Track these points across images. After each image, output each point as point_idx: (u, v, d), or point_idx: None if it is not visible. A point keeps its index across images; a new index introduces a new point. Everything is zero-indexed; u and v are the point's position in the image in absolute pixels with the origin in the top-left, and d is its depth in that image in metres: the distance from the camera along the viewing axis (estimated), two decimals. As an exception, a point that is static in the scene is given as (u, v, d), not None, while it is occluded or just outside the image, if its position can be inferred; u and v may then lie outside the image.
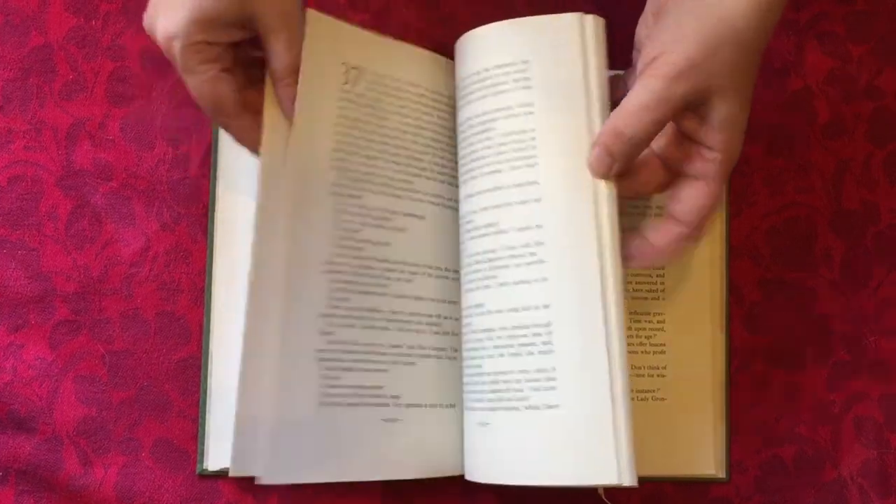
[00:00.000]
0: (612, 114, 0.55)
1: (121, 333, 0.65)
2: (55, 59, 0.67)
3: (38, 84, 0.66)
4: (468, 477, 0.60)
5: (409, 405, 0.60)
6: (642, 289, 0.64)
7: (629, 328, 0.64)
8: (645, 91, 0.53)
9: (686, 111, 0.54)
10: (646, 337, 0.64)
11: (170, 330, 0.65)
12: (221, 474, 0.63)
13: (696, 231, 0.56)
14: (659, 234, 0.56)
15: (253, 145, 0.58)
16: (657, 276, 0.64)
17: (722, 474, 0.64)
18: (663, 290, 0.64)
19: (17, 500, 0.63)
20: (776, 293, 0.67)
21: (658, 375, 0.64)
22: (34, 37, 0.67)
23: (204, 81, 0.55)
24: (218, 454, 0.63)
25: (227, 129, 0.58)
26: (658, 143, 0.57)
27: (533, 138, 0.57)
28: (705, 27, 0.52)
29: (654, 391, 0.64)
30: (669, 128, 0.56)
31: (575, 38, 0.58)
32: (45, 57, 0.67)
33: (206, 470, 0.63)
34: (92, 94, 0.67)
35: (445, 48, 0.66)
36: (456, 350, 0.62)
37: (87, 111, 0.66)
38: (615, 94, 0.59)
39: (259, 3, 0.54)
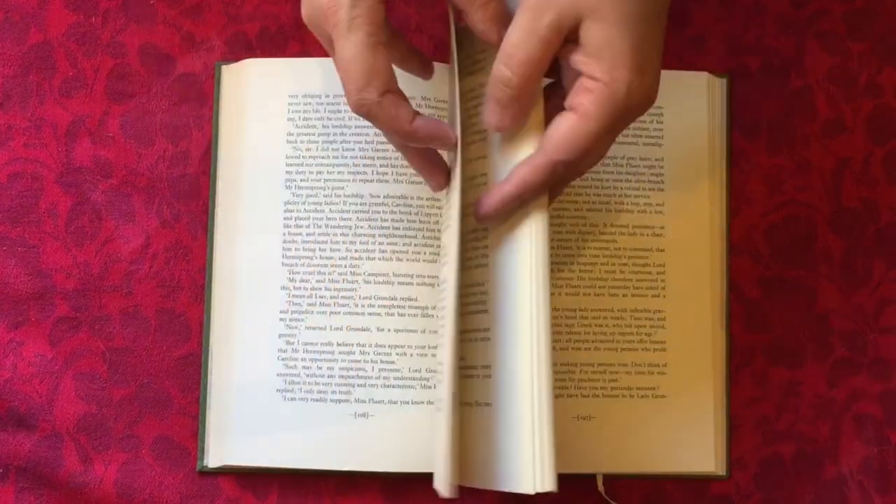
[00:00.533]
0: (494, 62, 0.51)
1: (121, 330, 0.65)
2: (55, 56, 0.66)
3: (37, 81, 0.66)
4: None
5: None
6: (642, 286, 0.64)
7: (629, 325, 0.64)
8: (514, 28, 0.50)
9: (567, 43, 0.50)
10: (646, 334, 0.64)
11: (170, 327, 0.65)
12: (222, 471, 0.63)
13: (552, 155, 0.51)
14: (525, 165, 0.52)
15: (402, 123, 0.52)
16: (658, 273, 0.65)
17: (722, 472, 0.64)
18: (664, 288, 0.64)
19: (18, 498, 0.63)
20: (776, 291, 0.67)
21: (658, 373, 0.64)
22: (34, 34, 0.67)
23: (366, 46, 0.50)
24: (218, 451, 0.63)
25: (370, 108, 0.51)
26: None
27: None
28: None
29: (654, 388, 0.64)
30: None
31: None
32: (44, 54, 0.66)
33: (207, 467, 0.63)
34: (92, 91, 0.66)
35: (443, 44, 0.67)
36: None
37: (86, 108, 0.66)
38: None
39: None
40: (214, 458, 0.63)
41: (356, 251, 0.63)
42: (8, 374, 0.64)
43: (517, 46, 0.49)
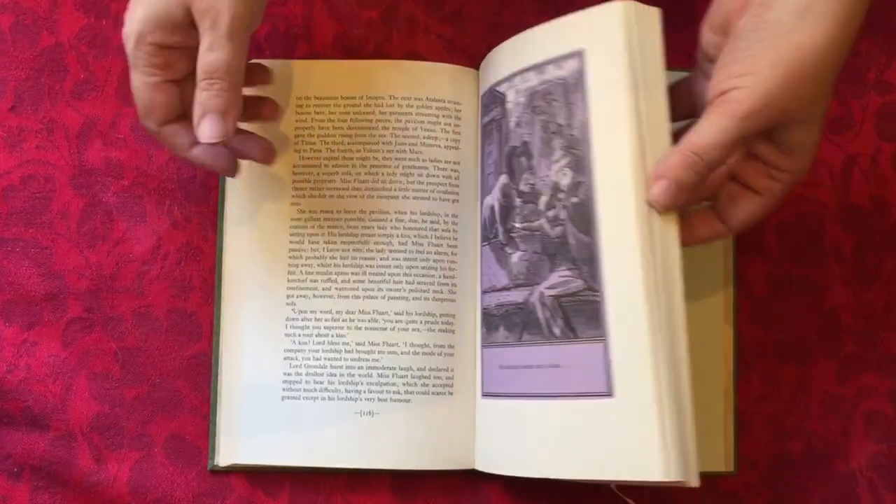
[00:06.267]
0: (681, 146, 0.52)
1: (133, 330, 0.65)
2: (66, 59, 0.67)
3: (49, 84, 0.67)
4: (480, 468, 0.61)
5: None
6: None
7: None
8: (717, 130, 0.51)
9: (758, 136, 0.53)
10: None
11: (181, 327, 0.65)
12: (233, 470, 0.64)
13: (736, 233, 0.57)
14: (707, 230, 0.57)
15: (179, 150, 0.58)
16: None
17: (730, 468, 0.64)
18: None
19: (32, 496, 0.64)
20: (785, 288, 0.67)
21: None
22: (45, 37, 0.67)
23: (145, 83, 0.56)
24: (228, 450, 0.63)
25: (151, 133, 0.58)
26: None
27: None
28: (786, 61, 0.49)
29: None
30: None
31: (625, 30, 0.55)
32: (56, 57, 0.67)
33: (217, 466, 0.64)
34: (103, 93, 0.67)
35: (452, 44, 0.67)
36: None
37: (98, 110, 0.67)
38: (681, 99, 0.57)
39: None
40: (225, 457, 0.63)
41: (367, 251, 0.64)
42: (22, 374, 0.65)
43: (718, 147, 0.52)
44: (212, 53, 0.54)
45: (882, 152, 0.67)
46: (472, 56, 0.67)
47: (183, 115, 0.58)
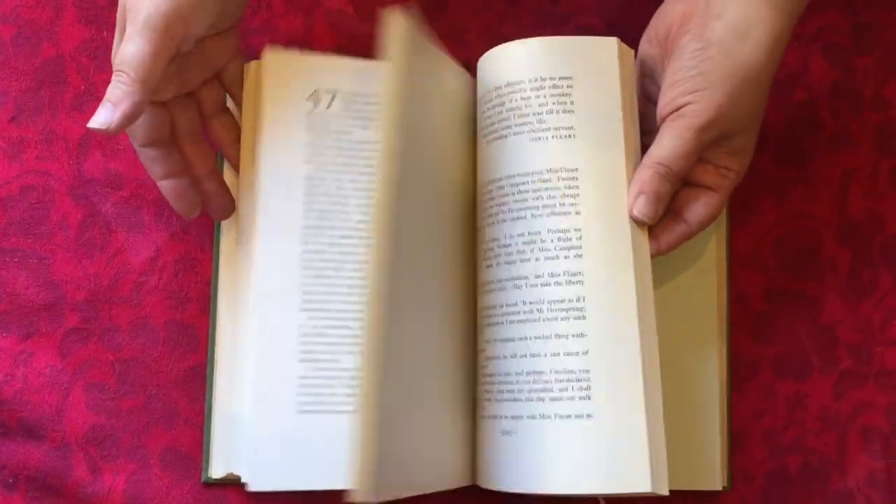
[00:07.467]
0: (649, 161, 0.58)
1: (130, 341, 0.65)
2: (67, 70, 0.67)
3: (50, 95, 0.67)
4: (485, 485, 0.60)
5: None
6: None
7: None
8: (679, 143, 0.57)
9: (710, 144, 0.58)
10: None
11: (178, 338, 0.65)
12: (226, 482, 0.63)
13: (697, 232, 0.60)
14: (671, 234, 0.60)
15: (153, 177, 0.61)
16: (658, 287, 0.64)
17: (721, 486, 0.63)
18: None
19: (27, 507, 0.64)
20: (782, 303, 0.67)
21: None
22: (46, 48, 0.67)
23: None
24: (220, 463, 0.63)
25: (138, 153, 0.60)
26: None
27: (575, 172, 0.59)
28: (732, 77, 0.56)
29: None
30: None
31: (615, 63, 0.59)
32: (57, 68, 0.67)
33: (210, 478, 0.63)
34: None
35: (452, 57, 0.67)
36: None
37: (98, 121, 0.67)
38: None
39: None
40: (217, 469, 0.63)
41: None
42: (19, 384, 0.65)
43: (682, 158, 0.57)
44: (123, 45, 0.55)
45: (880, 167, 0.68)
46: (472, 69, 0.67)
47: (166, 140, 0.60)
